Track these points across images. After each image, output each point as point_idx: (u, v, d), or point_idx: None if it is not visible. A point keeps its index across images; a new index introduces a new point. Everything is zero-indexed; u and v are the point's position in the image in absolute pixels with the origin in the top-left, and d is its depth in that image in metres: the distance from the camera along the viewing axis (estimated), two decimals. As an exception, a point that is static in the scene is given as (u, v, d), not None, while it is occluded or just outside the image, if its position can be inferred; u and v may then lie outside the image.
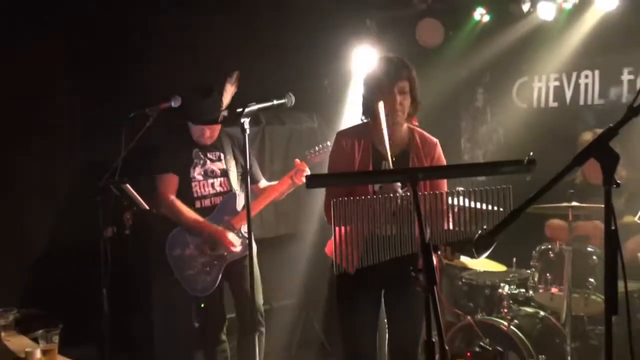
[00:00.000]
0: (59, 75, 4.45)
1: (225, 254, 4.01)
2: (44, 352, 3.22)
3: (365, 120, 3.21)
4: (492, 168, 2.28)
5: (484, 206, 2.45)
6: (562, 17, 5.24)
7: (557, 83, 5.58)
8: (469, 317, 4.09)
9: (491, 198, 2.41)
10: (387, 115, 2.96)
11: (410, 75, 3.06)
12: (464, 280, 4.51)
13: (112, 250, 3.55)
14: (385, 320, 3.29)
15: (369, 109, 3.14)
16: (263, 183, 4.32)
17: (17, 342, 3.45)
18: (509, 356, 3.91)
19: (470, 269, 4.55)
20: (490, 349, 3.73)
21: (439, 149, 3.21)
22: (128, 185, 3.62)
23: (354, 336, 3.19)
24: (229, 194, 4.13)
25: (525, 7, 5.31)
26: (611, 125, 1.88)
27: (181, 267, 4.05)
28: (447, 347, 2.03)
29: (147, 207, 3.73)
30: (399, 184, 2.74)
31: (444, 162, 3.23)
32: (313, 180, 2.35)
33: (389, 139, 2.95)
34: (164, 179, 4.05)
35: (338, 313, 3.22)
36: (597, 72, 5.32)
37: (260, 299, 4.22)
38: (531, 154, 2.33)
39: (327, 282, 3.23)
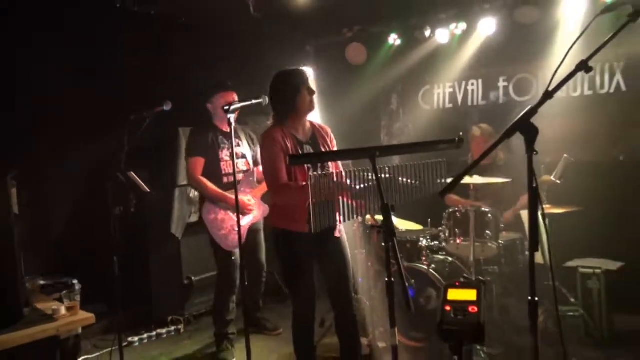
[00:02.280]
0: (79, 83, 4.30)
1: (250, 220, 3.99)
2: (68, 309, 2.99)
3: (276, 120, 3.05)
4: (432, 145, 2.19)
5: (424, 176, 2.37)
6: (454, 40, 5.28)
7: (451, 89, 5.61)
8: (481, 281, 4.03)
9: (431, 169, 2.34)
10: (309, 105, 2.97)
11: (310, 78, 3.05)
12: (391, 237, 4.45)
13: (120, 225, 3.34)
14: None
15: (289, 106, 3.00)
16: None
17: (44, 303, 3.19)
18: (428, 291, 3.89)
19: (397, 229, 4.49)
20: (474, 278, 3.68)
21: (331, 133, 3.20)
22: (132, 173, 3.42)
23: (299, 278, 3.05)
24: (249, 172, 4.07)
25: (427, 33, 5.33)
26: (532, 107, 1.83)
27: (215, 228, 3.91)
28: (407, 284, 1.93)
29: (148, 190, 3.51)
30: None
31: (335, 143, 3.19)
32: (293, 160, 2.22)
33: (302, 129, 3.04)
34: (193, 162, 3.92)
35: (285, 263, 3.09)
36: (480, 81, 5.38)
37: (264, 258, 4.32)
38: (461, 134, 2.27)
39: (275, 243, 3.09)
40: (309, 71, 3.11)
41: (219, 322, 4.08)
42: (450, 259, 4.18)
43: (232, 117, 2.90)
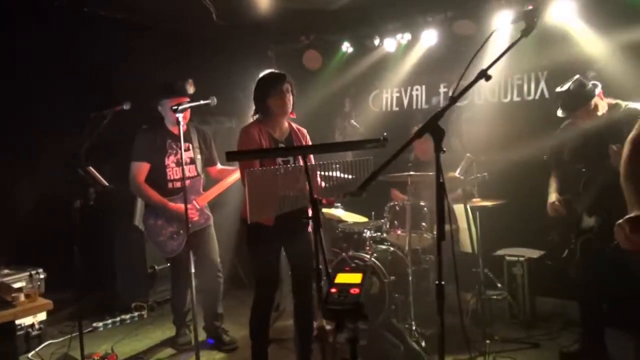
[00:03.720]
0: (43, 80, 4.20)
1: (190, 225, 3.51)
2: (27, 296, 2.96)
3: (258, 117, 3.09)
4: (359, 144, 2.25)
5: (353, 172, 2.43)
6: (400, 49, 5.37)
7: (398, 94, 5.71)
8: (344, 254, 4.11)
9: (359, 166, 2.40)
10: (280, 108, 2.95)
11: (289, 81, 3.05)
12: (339, 229, 4.53)
13: (83, 217, 3.29)
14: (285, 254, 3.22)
15: (263, 106, 3.04)
16: (219, 166, 4.01)
17: (6, 290, 3.14)
18: (371, 279, 3.98)
19: (344, 221, 4.57)
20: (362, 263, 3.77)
21: (307, 135, 3.24)
22: (91, 168, 3.37)
23: (265, 267, 3.10)
24: (195, 178, 3.78)
25: (376, 42, 5.41)
26: (439, 110, 1.91)
27: (153, 233, 3.70)
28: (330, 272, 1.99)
29: (107, 184, 3.47)
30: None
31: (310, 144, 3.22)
32: (230, 156, 2.24)
33: (279, 129, 3.05)
34: (137, 166, 3.65)
35: (253, 254, 3.12)
36: (423, 87, 5.49)
37: (217, 258, 3.96)
38: (385, 134, 2.34)
39: (242, 234, 3.11)
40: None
41: (176, 312, 4.07)
42: (392, 248, 4.28)
43: (181, 116, 2.88)
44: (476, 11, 4.59)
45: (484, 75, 1.85)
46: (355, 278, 1.39)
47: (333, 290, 1.35)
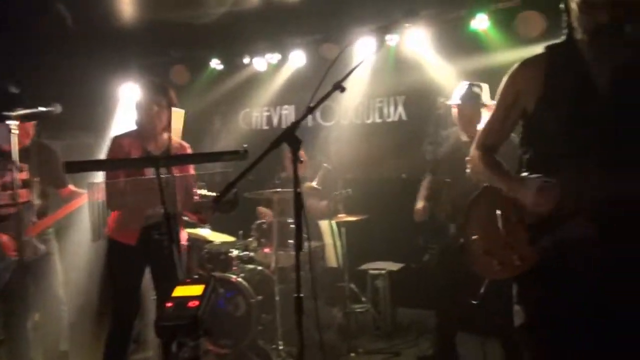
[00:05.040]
0: None
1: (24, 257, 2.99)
2: None
3: (135, 128, 2.90)
4: (218, 156, 2.15)
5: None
6: (270, 68, 5.39)
7: (268, 113, 5.72)
8: (211, 275, 3.91)
9: (219, 177, 2.29)
10: (146, 121, 2.77)
11: (167, 93, 2.86)
12: (206, 249, 4.32)
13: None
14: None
15: (135, 118, 2.87)
16: (72, 188, 3.42)
17: None
18: (237, 299, 3.84)
19: (210, 241, 4.37)
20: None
21: (190, 151, 3.05)
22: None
23: (124, 292, 2.82)
24: (27, 204, 3.16)
25: (246, 60, 5.38)
26: (295, 121, 1.89)
27: None
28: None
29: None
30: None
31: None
32: (69, 167, 1.99)
33: (154, 141, 2.86)
34: None
35: (112, 277, 2.83)
36: (293, 106, 5.57)
37: (59, 290, 3.41)
38: (245, 145, 2.26)
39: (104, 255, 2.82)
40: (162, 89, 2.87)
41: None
42: (259, 267, 4.19)
43: (12, 123, 2.48)
44: (341, 36, 4.77)
45: (338, 87, 1.87)
46: (196, 290, 1.26)
47: (169, 304, 1.20)
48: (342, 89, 1.85)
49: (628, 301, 1.54)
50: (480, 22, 4.33)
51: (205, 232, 4.41)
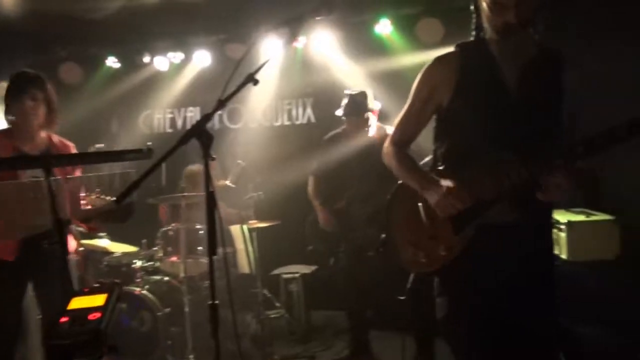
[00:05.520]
0: None
1: None
2: None
3: (8, 126, 2.54)
4: (119, 155, 1.95)
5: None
6: (172, 68, 5.13)
7: (171, 115, 5.43)
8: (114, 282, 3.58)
9: (118, 179, 2.08)
10: (21, 118, 2.43)
11: (43, 86, 2.52)
12: (105, 262, 3.97)
13: None
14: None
15: (6, 115, 2.50)
16: None
17: None
18: (143, 314, 3.56)
19: (110, 252, 4.03)
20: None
21: (75, 150, 2.74)
22: None
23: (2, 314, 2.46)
24: None
25: (146, 59, 5.08)
26: (206, 113, 1.76)
27: None
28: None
29: None
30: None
31: None
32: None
33: (30, 141, 2.50)
34: None
35: None
36: (198, 108, 5.34)
37: None
38: (149, 144, 2.09)
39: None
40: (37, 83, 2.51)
41: None
42: (166, 278, 3.93)
43: None
44: (247, 35, 4.65)
45: (251, 78, 1.76)
46: (97, 300, 1.07)
47: (63, 319, 1.01)
48: (255, 82, 1.75)
49: (540, 283, 1.63)
50: (384, 27, 4.46)
51: (104, 243, 4.06)
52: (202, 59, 4.94)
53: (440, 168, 1.79)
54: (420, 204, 1.81)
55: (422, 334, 3.11)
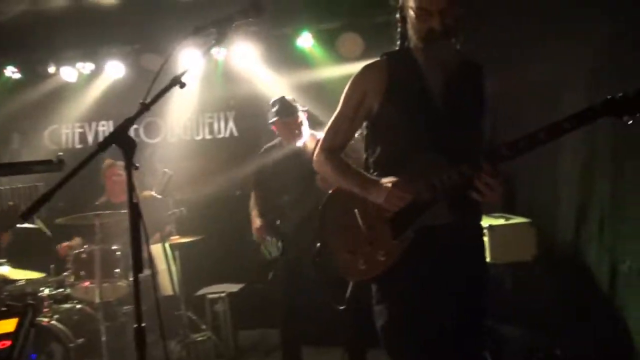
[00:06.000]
0: None
1: None
2: None
3: None
4: (26, 166, 1.74)
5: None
6: (82, 79, 4.80)
7: (81, 130, 5.07)
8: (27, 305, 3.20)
9: (26, 192, 1.86)
10: None
11: None
12: (5, 293, 3.54)
13: None
14: None
15: None
16: None
17: None
18: (52, 346, 3.22)
19: (12, 280, 3.61)
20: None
21: None
22: None
23: None
24: None
25: (51, 69, 4.71)
26: (129, 117, 1.62)
27: None
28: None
29: None
30: None
31: None
32: None
33: None
34: None
35: None
36: (111, 122, 5.03)
37: None
38: (60, 154, 1.90)
39: None
40: None
41: None
42: (79, 305, 3.60)
43: None
44: (164, 46, 4.46)
45: (177, 81, 1.65)
46: (7, 326, 0.91)
47: None
48: (182, 85, 1.64)
49: (477, 283, 1.66)
50: (305, 40, 4.48)
51: (3, 270, 3.63)
52: (114, 69, 4.67)
53: (374, 175, 1.79)
54: (356, 210, 1.78)
55: (356, 345, 3.08)
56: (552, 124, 1.57)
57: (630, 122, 1.51)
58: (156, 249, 3.68)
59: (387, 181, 1.68)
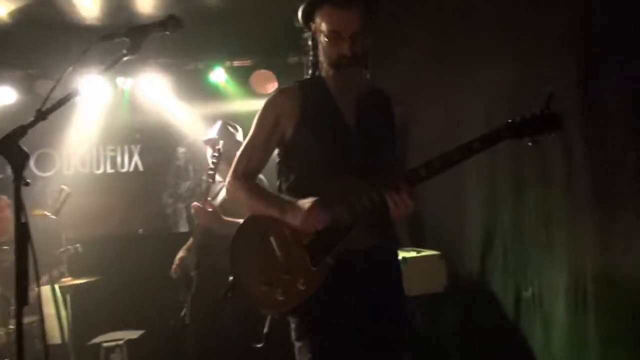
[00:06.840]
0: None
1: None
2: None
3: None
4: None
5: None
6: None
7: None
8: None
9: None
10: None
11: None
12: None
13: None
14: None
15: None
16: None
17: None
18: None
19: None
20: None
21: None
22: None
23: None
24: None
25: None
26: (22, 124, 1.44)
27: None
28: None
29: None
30: None
31: None
32: None
33: None
34: None
35: None
36: None
37: None
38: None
39: None
40: None
41: None
42: None
43: None
44: (58, 72, 4.16)
45: (77, 93, 1.52)
46: None
47: None
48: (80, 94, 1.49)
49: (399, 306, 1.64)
50: (218, 76, 4.42)
51: None
52: (5, 95, 4.27)
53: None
54: (272, 238, 1.69)
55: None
56: (463, 145, 1.62)
57: (530, 144, 1.61)
58: (44, 292, 3.28)
59: (305, 202, 1.63)
